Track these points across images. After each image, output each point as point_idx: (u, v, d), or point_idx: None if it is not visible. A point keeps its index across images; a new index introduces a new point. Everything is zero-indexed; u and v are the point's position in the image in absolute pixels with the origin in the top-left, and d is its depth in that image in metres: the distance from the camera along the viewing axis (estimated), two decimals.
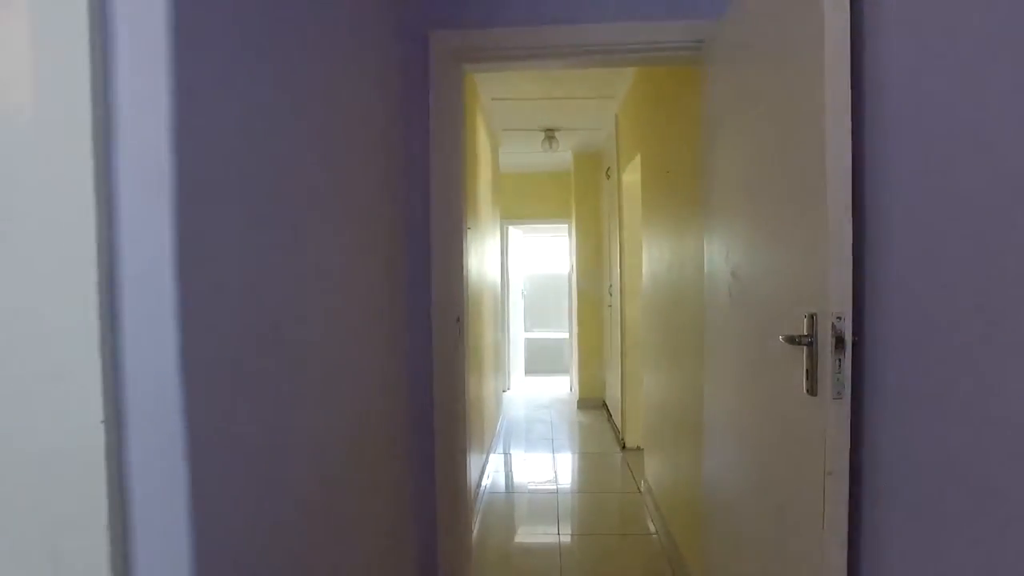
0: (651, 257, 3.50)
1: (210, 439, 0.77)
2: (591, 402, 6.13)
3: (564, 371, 7.83)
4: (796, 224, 1.31)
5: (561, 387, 7.27)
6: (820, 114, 1.18)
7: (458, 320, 2.04)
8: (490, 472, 4.11)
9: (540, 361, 8.14)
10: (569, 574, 2.77)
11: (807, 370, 1.22)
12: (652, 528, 3.22)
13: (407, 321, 1.98)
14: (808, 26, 1.23)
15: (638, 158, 3.88)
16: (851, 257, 1.16)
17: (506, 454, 4.68)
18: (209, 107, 0.78)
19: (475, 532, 3.10)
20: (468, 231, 2.36)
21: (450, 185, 2.00)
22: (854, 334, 1.17)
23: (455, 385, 2.08)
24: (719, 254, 1.85)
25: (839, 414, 1.16)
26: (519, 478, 4.19)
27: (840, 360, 1.16)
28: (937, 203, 0.98)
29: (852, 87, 1.16)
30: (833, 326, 1.16)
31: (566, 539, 3.16)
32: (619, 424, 4.85)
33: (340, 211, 1.31)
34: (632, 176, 4.31)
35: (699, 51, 1.97)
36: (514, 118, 4.84)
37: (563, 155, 6.15)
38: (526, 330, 8.13)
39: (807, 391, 1.22)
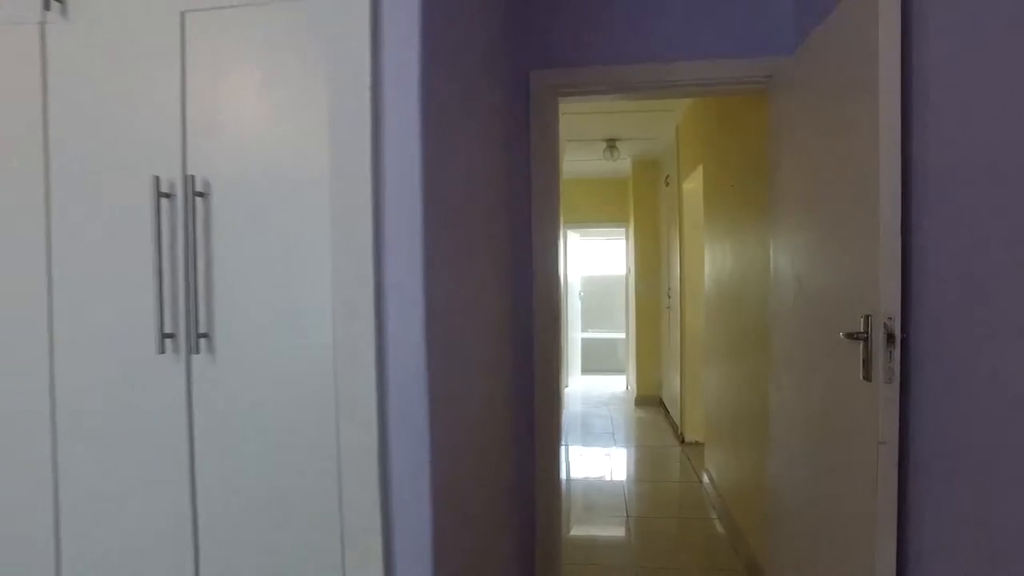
0: (713, 262, 3.76)
1: (436, 386, 1.11)
2: (648, 399, 6.39)
3: (619, 370, 8.08)
4: (852, 238, 1.59)
5: (617, 385, 7.54)
6: (873, 141, 1.45)
7: (555, 319, 2.36)
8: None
9: (595, 360, 8.42)
10: (637, 553, 3.06)
11: (863, 360, 1.49)
12: (713, 513, 3.48)
13: (513, 320, 2.31)
14: (865, 67, 1.49)
15: (700, 169, 4.14)
16: (900, 268, 1.43)
17: (567, 446, 4.98)
18: (437, 168, 1.13)
19: None
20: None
21: (548, 200, 2.33)
22: (902, 331, 1.44)
23: (553, 380, 2.40)
24: (784, 261, 2.12)
25: (890, 395, 1.43)
26: (584, 467, 4.49)
27: (891, 352, 1.43)
28: (969, 225, 1.25)
29: (902, 117, 1.43)
30: (885, 325, 1.43)
31: (632, 522, 3.45)
32: (678, 420, 5.10)
33: (490, 229, 1.66)
34: (693, 185, 4.57)
35: (766, 84, 2.24)
36: (578, 129, 5.14)
37: (622, 163, 6.42)
38: (582, 330, 8.41)
39: (863, 377, 1.50)
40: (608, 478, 4.25)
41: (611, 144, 5.53)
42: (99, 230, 1.16)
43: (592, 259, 9.51)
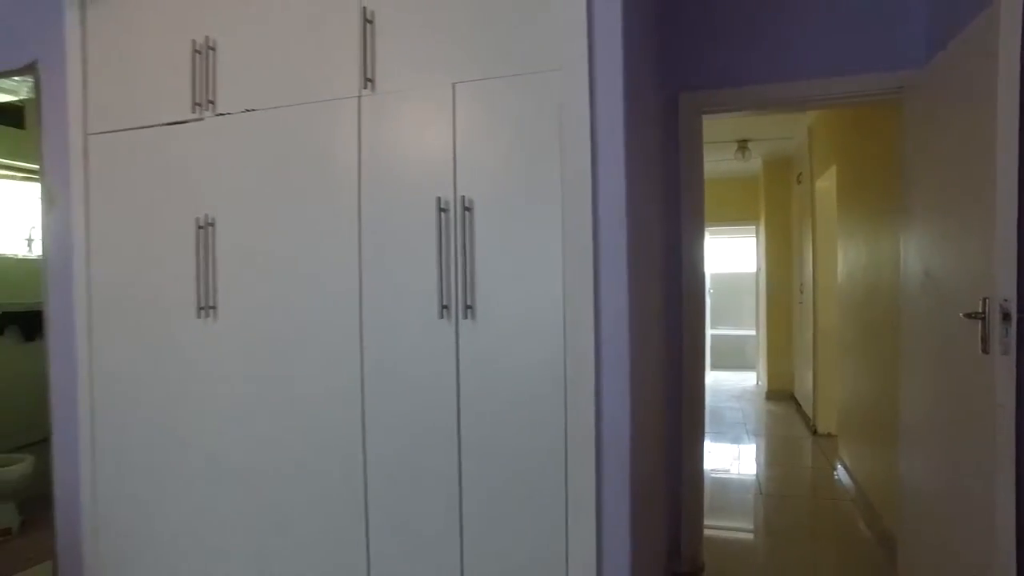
0: (847, 257, 3.94)
1: (635, 364, 1.55)
2: (779, 394, 6.49)
3: (748, 366, 8.16)
4: (974, 232, 1.85)
5: (745, 381, 7.64)
6: (993, 143, 1.71)
7: (701, 316, 2.73)
8: None
9: (724, 356, 8.53)
10: (773, 526, 3.34)
11: (981, 336, 1.76)
12: (847, 495, 3.67)
13: (665, 317, 2.70)
14: (990, 77, 1.74)
15: (833, 168, 4.30)
16: (1016, 256, 1.69)
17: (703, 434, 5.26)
18: (631, 183, 1.57)
19: None
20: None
21: (695, 205, 2.70)
22: (1017, 311, 1.70)
23: (699, 375, 2.76)
24: (914, 255, 2.37)
25: (1007, 364, 1.70)
26: (719, 453, 4.77)
27: (1007, 328, 1.70)
28: None
29: (1020, 122, 1.67)
30: (1001, 306, 1.70)
31: (767, 499, 3.72)
32: (810, 413, 5.23)
33: (651, 233, 2.08)
34: (826, 183, 4.71)
35: (897, 94, 2.48)
36: (710, 132, 5.35)
37: (752, 162, 6.57)
38: (711, 327, 8.56)
39: (981, 351, 1.77)
40: (741, 461, 4.50)
41: (743, 145, 5.73)
42: (397, 233, 1.70)
43: (719, 257, 9.58)
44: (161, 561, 2.06)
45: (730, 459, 4.57)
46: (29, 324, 3.80)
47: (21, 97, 2.73)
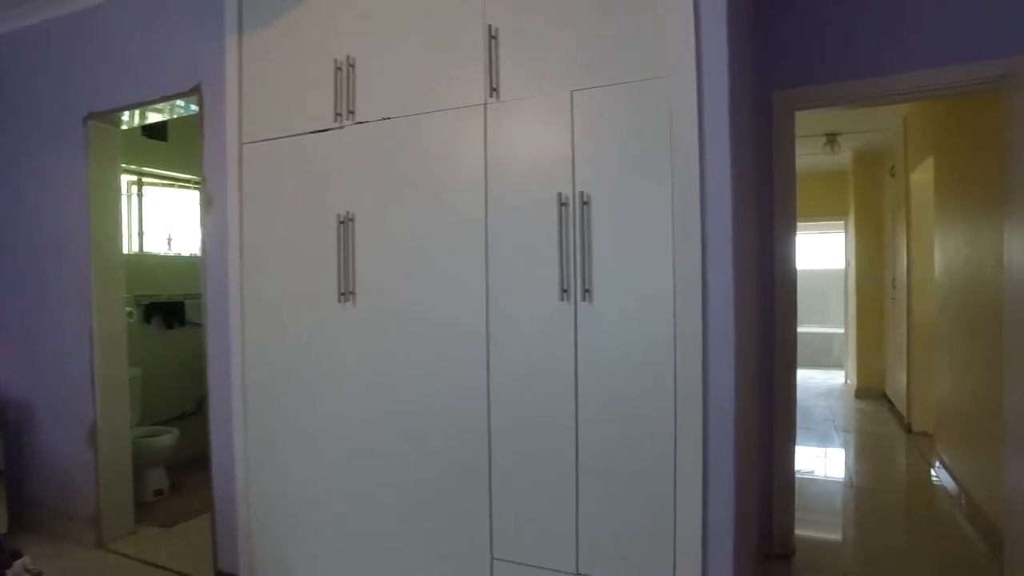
0: (945, 252, 3.87)
1: (739, 345, 1.70)
2: (869, 392, 6.34)
3: (834, 364, 7.97)
4: None
5: (833, 379, 7.47)
6: None
7: (792, 313, 2.80)
8: None
9: (809, 354, 8.35)
10: (867, 522, 3.36)
11: None
12: (946, 492, 3.62)
13: (759, 313, 2.79)
14: None
15: (931, 160, 4.22)
16: None
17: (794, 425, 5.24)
18: (737, 210, 1.71)
19: None
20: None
21: (787, 202, 2.78)
22: None
23: (791, 372, 2.83)
24: (1020, 249, 2.37)
25: None
26: (810, 449, 4.75)
27: None
28: None
29: None
30: None
31: (861, 495, 3.72)
32: (904, 411, 5.11)
33: (748, 229, 2.20)
34: (922, 175, 4.61)
35: (999, 83, 2.48)
36: (798, 125, 5.36)
37: (841, 156, 6.44)
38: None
39: None
40: (831, 456, 4.48)
41: (831, 139, 5.65)
42: (519, 225, 1.91)
43: (804, 253, 9.37)
44: (302, 515, 2.34)
45: (820, 454, 4.56)
46: (170, 314, 4.27)
47: (166, 117, 3.12)
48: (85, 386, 3.06)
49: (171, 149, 4.29)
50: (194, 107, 2.75)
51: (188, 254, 4.49)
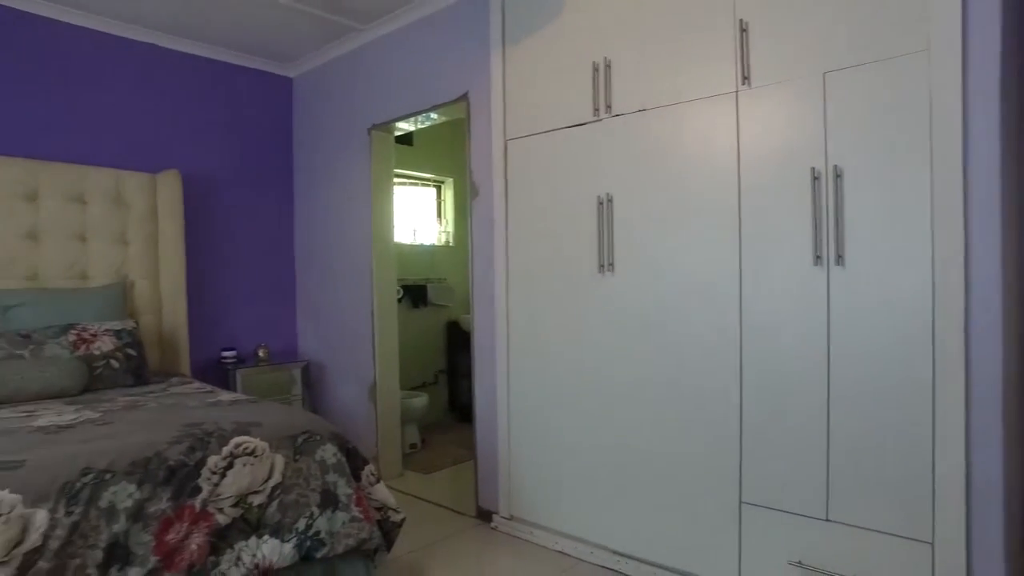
0: None
1: (1007, 310, 1.74)
2: None
3: None
4: None
5: None
6: None
7: None
8: None
9: None
10: None
11: None
12: None
13: None
14: None
15: None
16: None
17: None
18: (1005, 180, 1.75)
19: None
20: None
21: None
22: None
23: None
24: None
25: None
26: None
27: None
28: None
29: None
30: None
31: None
32: None
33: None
34: None
35: None
36: None
37: None
38: None
39: None
40: None
41: None
42: (772, 198, 2.09)
43: None
44: (558, 461, 2.71)
45: None
46: (416, 296, 4.96)
47: (412, 129, 3.73)
48: (367, 352, 3.73)
49: (415, 152, 4.98)
50: (434, 116, 3.47)
51: (429, 244, 5.17)
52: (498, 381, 2.96)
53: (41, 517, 1.53)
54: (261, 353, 3.96)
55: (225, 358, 3.84)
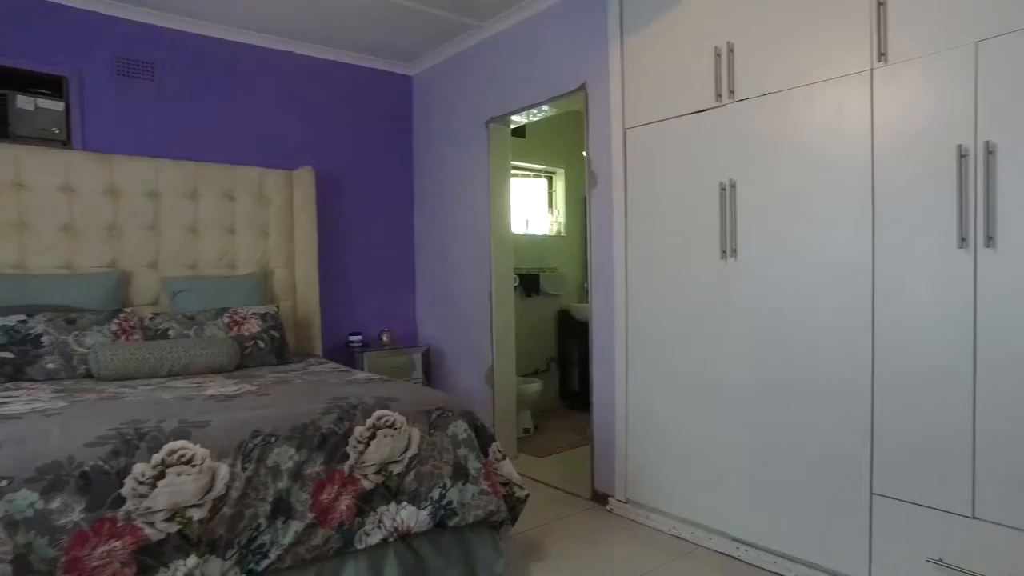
0: None
1: None
2: None
3: None
4: None
5: None
6: None
7: None
8: None
9: None
10: None
11: None
12: None
13: None
14: None
15: None
16: None
17: None
18: None
19: None
20: None
21: None
22: None
23: None
24: None
25: None
26: None
27: None
28: None
29: None
30: None
31: None
32: None
33: None
34: None
35: None
36: None
37: None
38: None
39: None
40: None
41: None
42: (910, 178, 2.00)
43: None
44: (675, 445, 2.72)
45: None
46: (529, 284, 5.07)
47: (525, 121, 3.80)
48: (485, 337, 3.88)
49: (528, 144, 5.09)
50: (546, 108, 3.53)
51: (540, 233, 5.27)
52: (616, 369, 3.00)
53: (224, 470, 1.76)
54: (385, 338, 4.21)
55: (352, 342, 4.12)
